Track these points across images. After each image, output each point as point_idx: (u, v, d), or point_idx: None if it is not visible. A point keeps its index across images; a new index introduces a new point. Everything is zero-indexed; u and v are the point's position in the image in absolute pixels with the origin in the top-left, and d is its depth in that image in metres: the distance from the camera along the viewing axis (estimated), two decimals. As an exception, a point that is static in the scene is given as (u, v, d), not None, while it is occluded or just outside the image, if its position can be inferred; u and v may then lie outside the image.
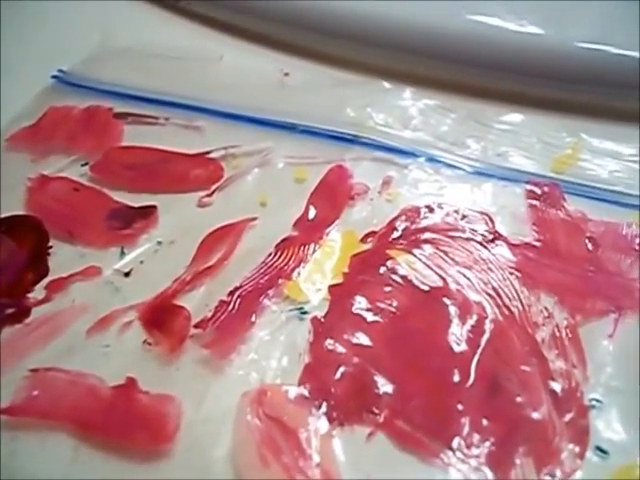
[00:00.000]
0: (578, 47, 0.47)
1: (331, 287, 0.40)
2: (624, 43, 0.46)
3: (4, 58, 0.56)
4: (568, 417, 0.34)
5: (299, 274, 0.41)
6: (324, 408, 0.35)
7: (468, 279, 0.40)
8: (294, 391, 0.36)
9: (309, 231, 0.43)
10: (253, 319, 0.39)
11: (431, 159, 0.46)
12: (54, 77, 0.55)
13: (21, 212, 0.45)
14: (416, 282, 0.40)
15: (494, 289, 0.39)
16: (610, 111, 0.47)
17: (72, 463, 0.34)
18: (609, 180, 0.44)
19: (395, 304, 0.39)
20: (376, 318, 0.38)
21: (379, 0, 0.51)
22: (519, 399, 0.35)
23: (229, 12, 0.57)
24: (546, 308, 0.38)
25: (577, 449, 0.33)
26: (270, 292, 0.40)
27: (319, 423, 0.34)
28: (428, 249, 0.41)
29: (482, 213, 0.43)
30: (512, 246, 0.41)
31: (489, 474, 0.33)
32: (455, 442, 0.34)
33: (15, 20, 0.59)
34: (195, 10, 0.58)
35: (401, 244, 0.41)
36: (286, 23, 0.55)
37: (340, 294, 0.39)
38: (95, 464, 0.34)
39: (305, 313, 0.39)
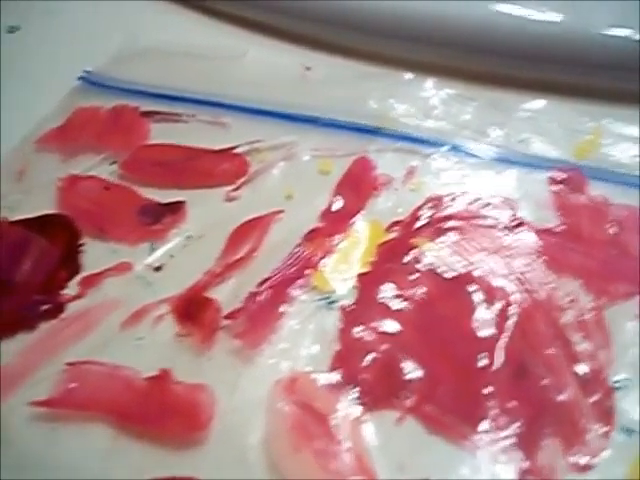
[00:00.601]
0: (598, 33, 0.47)
1: (359, 276, 0.40)
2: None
3: (30, 61, 0.57)
4: (594, 398, 0.35)
5: (326, 264, 0.41)
6: (354, 394, 0.36)
7: (493, 265, 0.40)
8: (324, 378, 0.36)
9: (335, 222, 0.43)
10: (283, 309, 0.39)
11: (454, 148, 0.47)
12: (80, 78, 0.55)
13: (52, 211, 0.46)
14: (441, 269, 0.40)
15: (519, 275, 0.39)
16: (631, 96, 0.47)
17: (110, 453, 0.35)
18: (631, 165, 0.44)
19: (421, 291, 0.39)
20: (403, 305, 0.39)
21: (399, -8, 0.51)
22: (545, 382, 0.35)
23: (251, 9, 0.57)
24: (571, 292, 0.39)
25: (603, 430, 0.34)
26: (299, 282, 0.40)
27: (349, 409, 0.35)
28: (453, 237, 0.42)
29: (505, 200, 0.43)
30: (536, 232, 0.41)
31: (517, 455, 0.33)
32: (483, 425, 0.34)
33: (36, 22, 0.60)
34: (218, 8, 0.59)
35: (426, 232, 0.42)
36: (307, 18, 0.55)
37: (368, 282, 0.40)
38: (132, 453, 0.35)
39: (333, 302, 0.40)
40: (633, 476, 0.32)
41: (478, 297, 0.39)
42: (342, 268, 0.41)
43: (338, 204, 0.44)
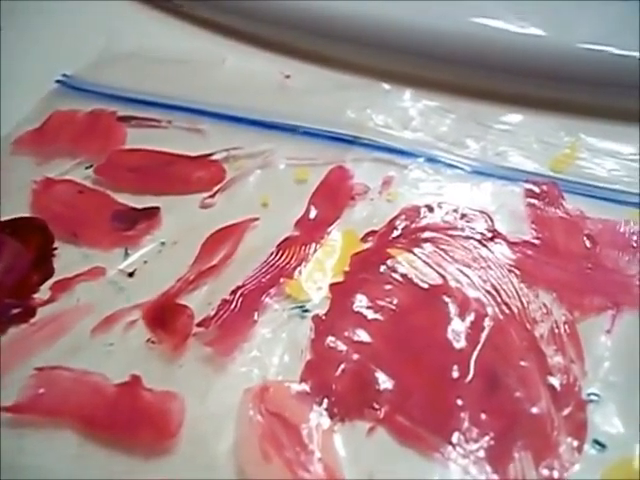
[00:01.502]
0: (579, 48, 0.47)
1: (332, 285, 0.40)
2: (624, 43, 0.46)
3: (8, 62, 0.56)
4: (566, 411, 0.35)
5: (300, 273, 0.41)
6: (325, 404, 0.35)
7: (467, 277, 0.40)
8: (296, 387, 0.36)
9: (310, 231, 0.43)
10: (255, 317, 0.39)
11: (431, 159, 0.47)
12: (58, 81, 0.55)
13: (26, 214, 0.45)
14: (416, 280, 0.40)
15: (493, 286, 0.39)
16: (609, 111, 0.48)
17: (77, 459, 0.35)
18: (607, 178, 0.45)
19: (395, 302, 0.39)
20: (376, 316, 0.39)
21: (379, 1, 0.51)
22: (518, 394, 0.35)
23: (230, 15, 0.57)
24: (545, 305, 0.39)
25: (575, 443, 0.34)
26: (272, 291, 0.40)
27: (320, 419, 0.35)
28: (428, 247, 0.42)
29: (481, 212, 0.43)
30: (511, 244, 0.41)
31: (488, 468, 0.33)
32: (455, 437, 0.34)
33: (18, 24, 0.60)
34: (198, 15, 0.59)
35: (401, 243, 0.42)
36: (287, 26, 0.55)
37: (341, 292, 0.40)
38: (100, 460, 0.35)
39: (306, 311, 0.39)
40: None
41: (452, 308, 0.39)
42: (316, 277, 0.41)
43: (314, 213, 0.44)
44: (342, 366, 0.37)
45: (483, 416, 0.35)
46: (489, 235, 0.42)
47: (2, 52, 0.57)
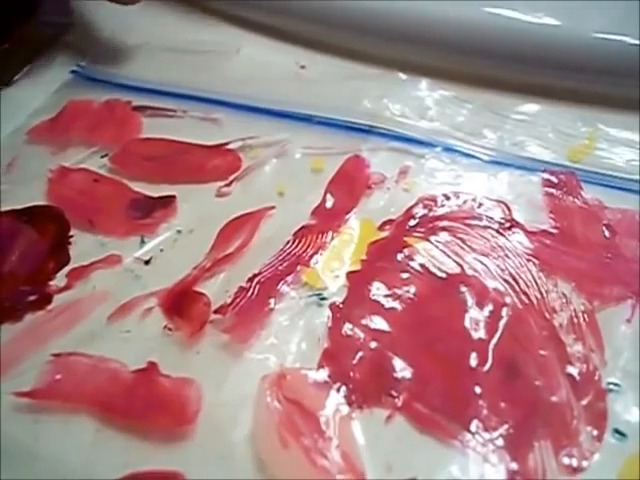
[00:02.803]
0: (594, 38, 0.47)
1: (349, 274, 0.40)
2: (639, 33, 0.46)
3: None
4: (586, 400, 0.34)
5: (317, 261, 0.41)
6: (343, 391, 0.35)
7: (485, 266, 0.40)
8: (313, 375, 0.36)
9: (327, 219, 0.43)
10: (272, 305, 0.39)
11: (448, 149, 0.47)
12: (73, 72, 0.55)
13: (42, 203, 0.45)
14: (433, 269, 0.40)
15: (511, 275, 0.39)
16: (627, 101, 0.47)
17: (94, 446, 0.35)
18: (626, 168, 0.44)
19: (412, 290, 0.39)
20: (394, 304, 0.38)
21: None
22: (537, 383, 0.35)
23: (246, 6, 0.57)
24: (564, 294, 0.38)
25: (595, 432, 0.33)
26: (289, 279, 0.40)
27: (338, 406, 0.35)
28: (445, 237, 0.41)
29: (499, 201, 0.43)
30: (529, 233, 0.41)
31: (507, 456, 0.33)
32: (474, 425, 0.34)
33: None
34: (212, 5, 0.59)
35: (418, 232, 0.42)
36: (302, 17, 0.55)
37: (358, 281, 0.40)
38: (116, 446, 0.35)
39: (324, 299, 0.39)
40: (624, 477, 0.32)
41: (470, 297, 0.38)
42: (333, 265, 0.41)
43: (330, 202, 0.44)
44: (360, 354, 0.36)
45: (502, 404, 0.34)
46: (507, 224, 0.42)
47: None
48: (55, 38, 0.58)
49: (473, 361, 0.36)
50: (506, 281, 0.39)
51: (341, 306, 0.39)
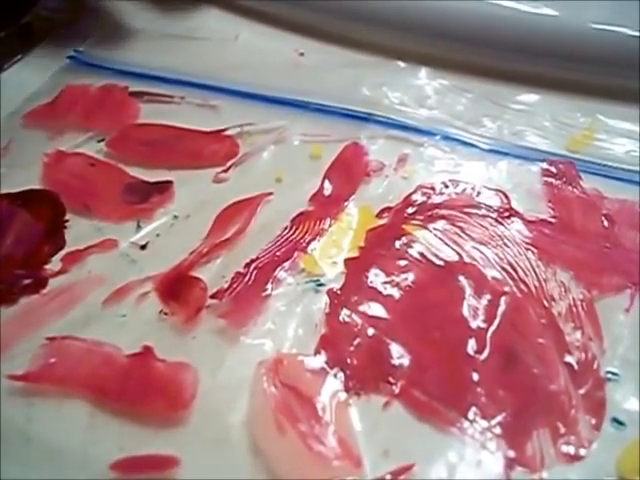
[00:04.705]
0: (593, 28, 0.47)
1: (347, 260, 0.40)
2: (637, 24, 0.46)
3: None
4: (584, 389, 0.34)
5: (315, 248, 0.41)
6: (340, 377, 0.35)
7: (484, 254, 0.40)
8: (310, 360, 0.36)
9: (325, 206, 0.43)
10: (269, 290, 0.39)
11: (447, 137, 0.46)
12: (70, 57, 0.55)
13: (38, 187, 0.45)
14: (431, 257, 0.40)
15: (510, 264, 0.39)
16: (626, 92, 0.47)
17: (88, 430, 0.34)
18: (625, 159, 0.44)
19: (411, 278, 0.39)
20: (392, 291, 0.38)
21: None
22: (536, 371, 0.35)
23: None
24: (562, 283, 0.38)
25: (593, 421, 0.33)
26: (286, 265, 0.40)
27: (335, 392, 0.34)
28: (443, 224, 0.41)
29: (497, 190, 0.43)
30: (527, 222, 0.41)
31: (505, 444, 0.32)
32: (471, 412, 0.33)
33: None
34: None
35: (417, 219, 0.41)
36: (301, 5, 0.55)
37: (356, 267, 0.40)
38: (111, 431, 0.34)
39: (321, 285, 0.39)
40: (623, 465, 0.32)
41: (468, 285, 0.38)
42: (331, 252, 0.41)
43: (328, 189, 0.44)
44: (357, 340, 0.36)
45: (500, 392, 0.34)
46: (505, 213, 0.42)
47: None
48: (53, 23, 0.58)
49: (471, 349, 0.36)
50: (505, 269, 0.39)
51: (339, 292, 0.38)
